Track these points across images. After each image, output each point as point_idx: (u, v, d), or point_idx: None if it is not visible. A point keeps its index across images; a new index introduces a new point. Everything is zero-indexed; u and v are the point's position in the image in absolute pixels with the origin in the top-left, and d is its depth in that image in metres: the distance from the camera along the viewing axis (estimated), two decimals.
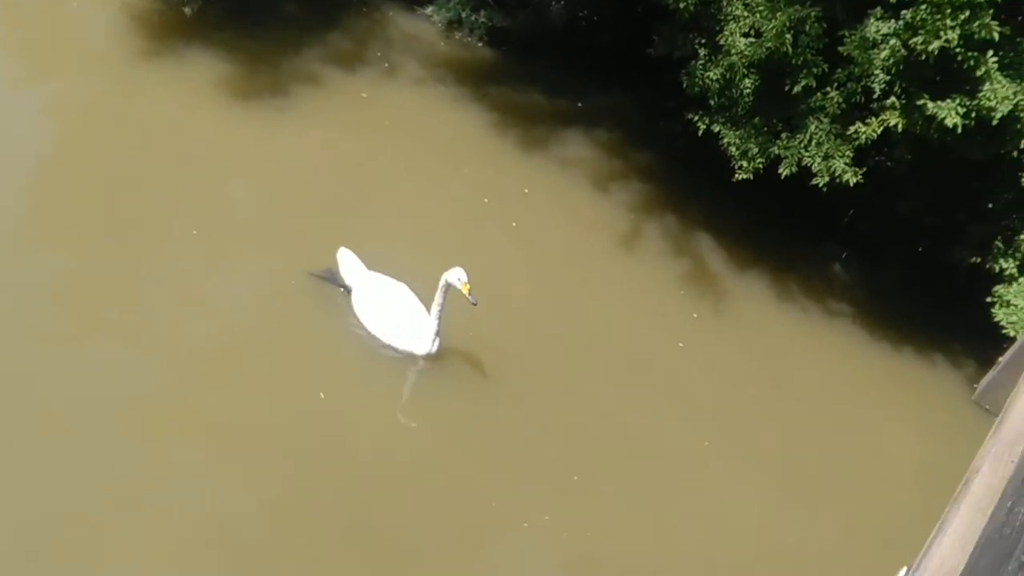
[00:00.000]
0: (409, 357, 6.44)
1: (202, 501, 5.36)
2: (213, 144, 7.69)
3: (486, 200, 8.08)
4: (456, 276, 6.00)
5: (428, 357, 6.43)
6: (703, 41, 7.82)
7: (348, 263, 6.64)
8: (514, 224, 7.95)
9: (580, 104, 9.45)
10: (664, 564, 5.96)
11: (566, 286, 7.64)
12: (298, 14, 9.16)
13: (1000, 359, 7.45)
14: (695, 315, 7.78)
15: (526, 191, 8.30)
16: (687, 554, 6.07)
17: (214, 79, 8.10)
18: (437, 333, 6.33)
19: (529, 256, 7.76)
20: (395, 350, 6.43)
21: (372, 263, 6.69)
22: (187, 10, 8.33)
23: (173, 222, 6.93)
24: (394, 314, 6.41)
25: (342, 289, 6.63)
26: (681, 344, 7.50)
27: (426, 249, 7.37)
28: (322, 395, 6.08)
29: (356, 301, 6.52)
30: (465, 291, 5.96)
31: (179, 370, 5.97)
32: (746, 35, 7.47)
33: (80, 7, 8.53)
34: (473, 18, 9.67)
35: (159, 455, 5.48)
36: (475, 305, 5.96)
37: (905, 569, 2.59)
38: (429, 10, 9.82)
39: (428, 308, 6.35)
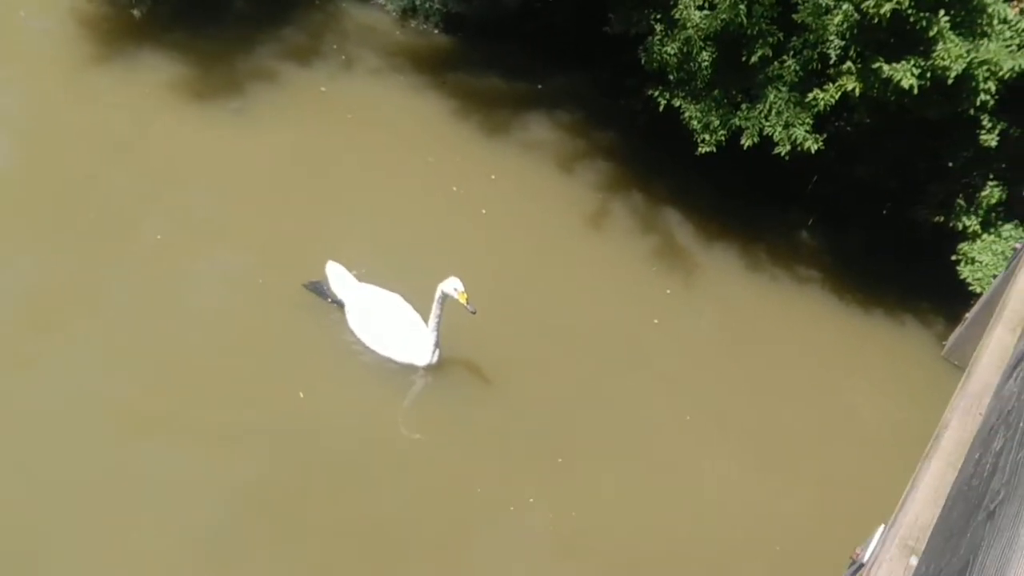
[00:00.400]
0: (409, 368, 6.40)
1: (189, 503, 5.35)
2: (172, 147, 7.59)
3: (455, 188, 8.05)
4: (452, 286, 5.94)
5: (429, 368, 6.38)
6: (659, 16, 7.82)
7: (338, 277, 6.52)
8: (484, 211, 7.94)
9: (540, 86, 9.43)
10: (649, 536, 6.01)
11: (540, 270, 7.65)
12: (249, 11, 9.03)
13: (967, 315, 7.55)
14: (668, 291, 7.83)
15: (493, 177, 8.28)
16: (671, 525, 6.14)
17: (168, 81, 8.00)
18: (437, 344, 6.28)
19: (502, 243, 7.74)
20: (394, 362, 6.36)
21: (351, 264, 6.66)
22: (135, 12, 8.18)
23: (136, 228, 6.86)
24: (392, 326, 6.33)
25: (333, 304, 6.54)
26: (656, 320, 7.54)
27: (400, 244, 7.34)
28: (301, 395, 6.05)
29: (351, 316, 6.43)
30: (463, 300, 5.91)
31: (148, 376, 5.93)
32: (700, 8, 7.48)
33: (28, 16, 8.36)
34: (427, 5, 9.60)
35: (136, 460, 5.46)
36: (474, 314, 5.89)
37: (883, 527, 2.63)
38: None
39: (423, 317, 6.29)
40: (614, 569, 5.83)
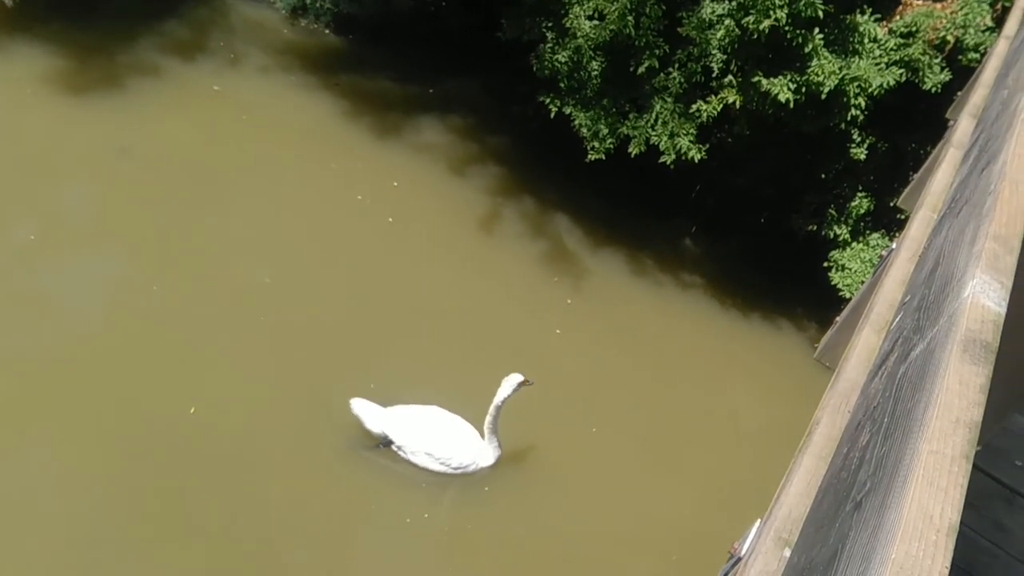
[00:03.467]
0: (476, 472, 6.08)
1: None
2: (46, 142, 7.21)
3: (359, 197, 7.89)
4: (517, 382, 5.78)
5: (495, 465, 6.11)
6: (550, 24, 7.95)
7: (369, 413, 5.92)
8: (390, 219, 7.80)
9: (431, 90, 9.43)
10: (545, 540, 6.02)
11: (449, 284, 7.48)
12: (131, 3, 8.72)
13: (837, 319, 7.92)
14: (569, 301, 7.89)
15: (395, 184, 8.19)
16: (571, 531, 6.10)
17: (43, 73, 7.62)
18: (499, 440, 6.02)
19: (411, 254, 7.54)
20: (465, 475, 6.03)
21: (241, 270, 6.39)
22: (8, 2, 7.79)
23: (8, 227, 6.46)
24: (456, 443, 5.93)
25: (381, 446, 5.97)
26: (559, 331, 7.56)
27: (310, 261, 7.06)
28: (192, 410, 5.73)
29: (408, 451, 5.91)
30: (524, 386, 5.82)
31: (15, 383, 5.59)
32: (591, 18, 7.65)
33: None
34: (318, 4, 9.49)
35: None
36: (532, 384, 5.84)
37: (759, 521, 2.74)
38: None
39: (458, 415, 6.03)
40: (509, 571, 5.83)
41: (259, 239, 7.09)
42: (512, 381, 5.77)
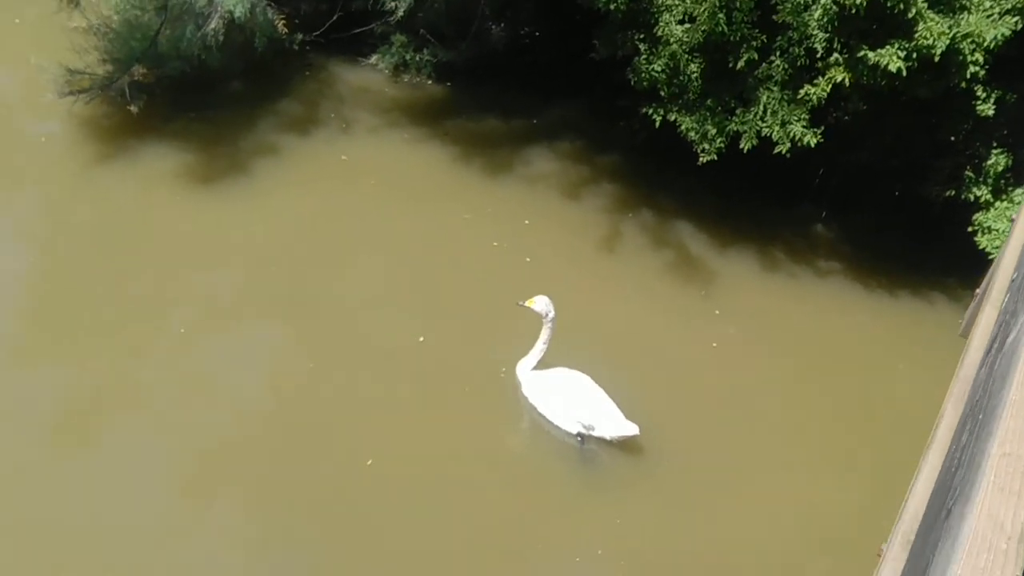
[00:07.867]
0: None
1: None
2: (184, 234, 7.62)
3: (495, 243, 8.04)
4: (547, 298, 6.48)
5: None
6: (642, 36, 7.92)
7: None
8: (528, 259, 7.91)
9: (535, 121, 9.54)
10: (712, 550, 5.89)
11: (599, 313, 7.50)
12: (245, 90, 9.23)
13: (977, 291, 7.41)
14: (717, 312, 7.78)
15: (527, 222, 8.30)
16: (737, 539, 5.95)
17: (173, 170, 8.14)
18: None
19: (557, 289, 7.17)
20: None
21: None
22: (133, 108, 8.37)
23: (160, 322, 6.81)
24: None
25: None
26: (715, 344, 7.44)
27: (459, 312, 7.27)
28: (369, 462, 5.99)
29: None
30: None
31: (198, 463, 5.89)
32: (681, 22, 7.57)
33: (27, 122, 8.57)
34: (418, 58, 9.80)
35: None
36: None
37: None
38: (373, 59, 9.96)
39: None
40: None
41: (405, 298, 7.34)
42: (546, 300, 6.45)
